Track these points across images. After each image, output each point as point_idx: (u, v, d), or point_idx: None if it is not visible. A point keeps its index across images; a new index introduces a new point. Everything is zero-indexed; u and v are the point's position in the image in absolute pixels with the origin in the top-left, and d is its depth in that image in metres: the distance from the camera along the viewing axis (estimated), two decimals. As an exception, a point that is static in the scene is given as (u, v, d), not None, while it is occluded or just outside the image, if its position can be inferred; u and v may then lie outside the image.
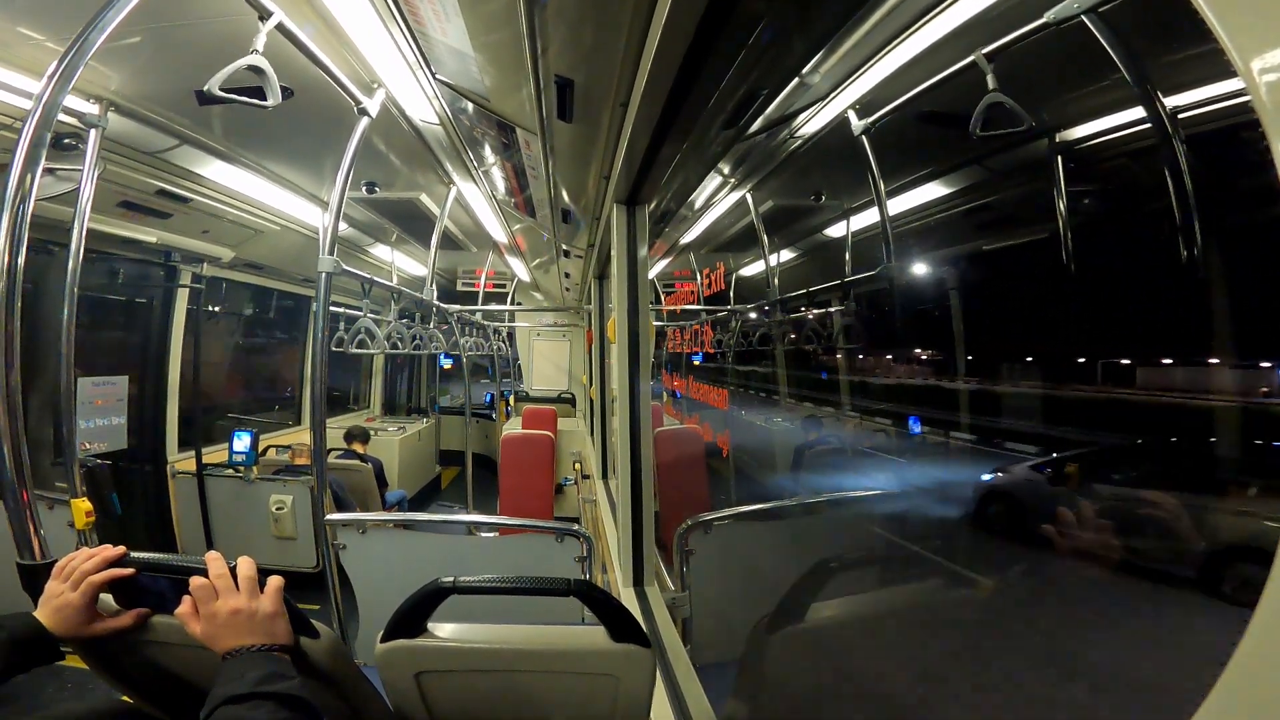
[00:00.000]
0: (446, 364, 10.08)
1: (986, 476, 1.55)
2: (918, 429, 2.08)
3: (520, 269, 6.84)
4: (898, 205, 2.02)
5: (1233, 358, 0.88)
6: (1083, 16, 0.97)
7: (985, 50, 1.23)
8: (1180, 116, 0.90)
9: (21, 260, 1.74)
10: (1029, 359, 1.51)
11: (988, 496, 1.54)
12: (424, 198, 4.16)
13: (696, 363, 5.31)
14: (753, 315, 3.82)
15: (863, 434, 2.75)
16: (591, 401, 6.26)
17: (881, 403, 2.56)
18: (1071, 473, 1.26)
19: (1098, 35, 0.97)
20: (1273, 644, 0.31)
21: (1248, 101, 0.32)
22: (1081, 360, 1.28)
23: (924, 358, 2.06)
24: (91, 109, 2.40)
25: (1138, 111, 1.03)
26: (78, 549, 1.01)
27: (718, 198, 3.16)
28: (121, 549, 1.00)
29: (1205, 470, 0.95)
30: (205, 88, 1.60)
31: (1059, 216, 1.27)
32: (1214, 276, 0.88)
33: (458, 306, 6.42)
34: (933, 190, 1.95)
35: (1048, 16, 1.02)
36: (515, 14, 1.40)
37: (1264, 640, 0.31)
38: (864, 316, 2.56)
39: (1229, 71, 0.33)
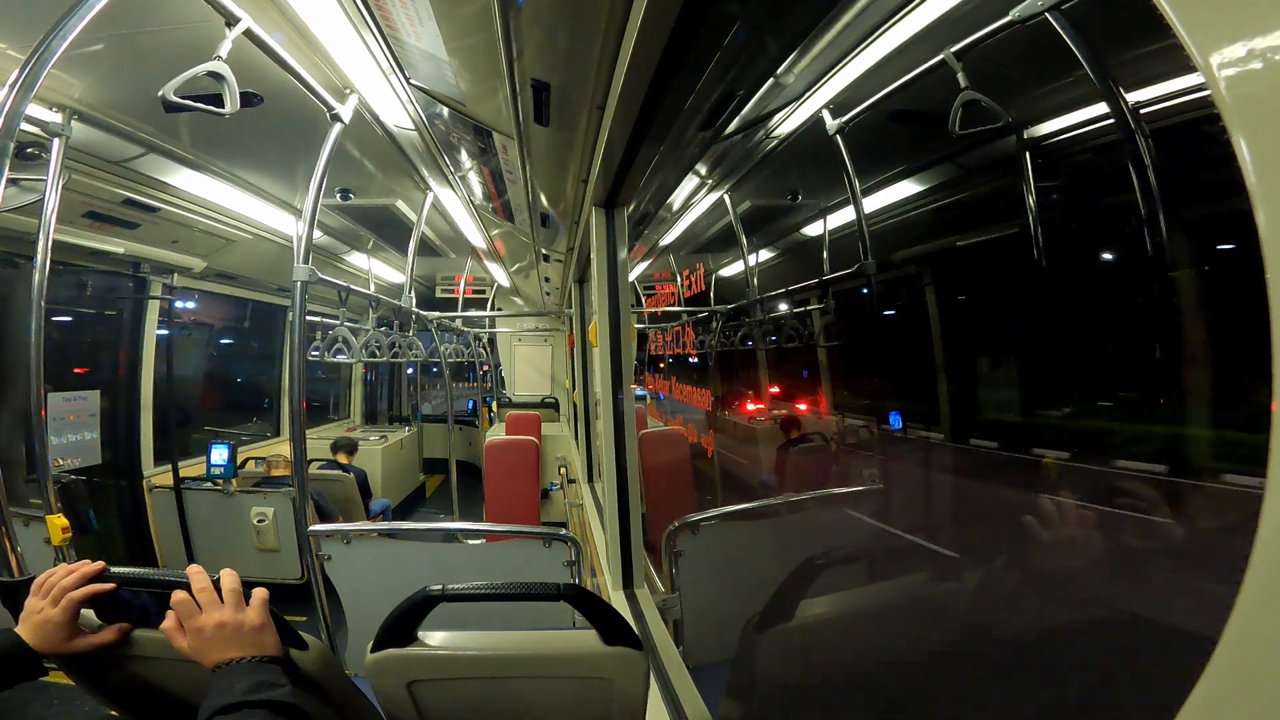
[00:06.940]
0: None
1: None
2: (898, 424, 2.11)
3: (500, 274, 6.80)
4: (873, 203, 2.05)
5: (1201, 347, 0.90)
6: (1046, 14, 0.99)
7: (954, 49, 1.25)
8: (1143, 111, 0.92)
9: (-14, 275, 1.70)
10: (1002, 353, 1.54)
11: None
12: (400, 204, 4.12)
13: (679, 363, 5.32)
14: (733, 315, 3.85)
15: (845, 429, 2.78)
16: (575, 406, 6.24)
17: (861, 399, 2.59)
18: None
19: (1061, 32, 0.99)
20: (1261, 632, 0.31)
21: (1207, 96, 0.33)
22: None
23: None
24: (55, 117, 2.34)
25: (1103, 107, 1.06)
26: (55, 565, 0.99)
27: (696, 199, 3.18)
28: (100, 564, 0.98)
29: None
30: (160, 93, 1.57)
31: (1028, 211, 1.30)
32: (1180, 267, 0.90)
33: (437, 313, 6.36)
34: (907, 187, 1.98)
35: (1013, 14, 1.05)
36: (490, 18, 1.40)
37: (1251, 628, 0.31)
38: (843, 314, 2.59)
39: (1189, 66, 0.34)
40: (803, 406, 3.64)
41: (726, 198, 3.13)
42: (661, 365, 5.82)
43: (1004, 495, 1.53)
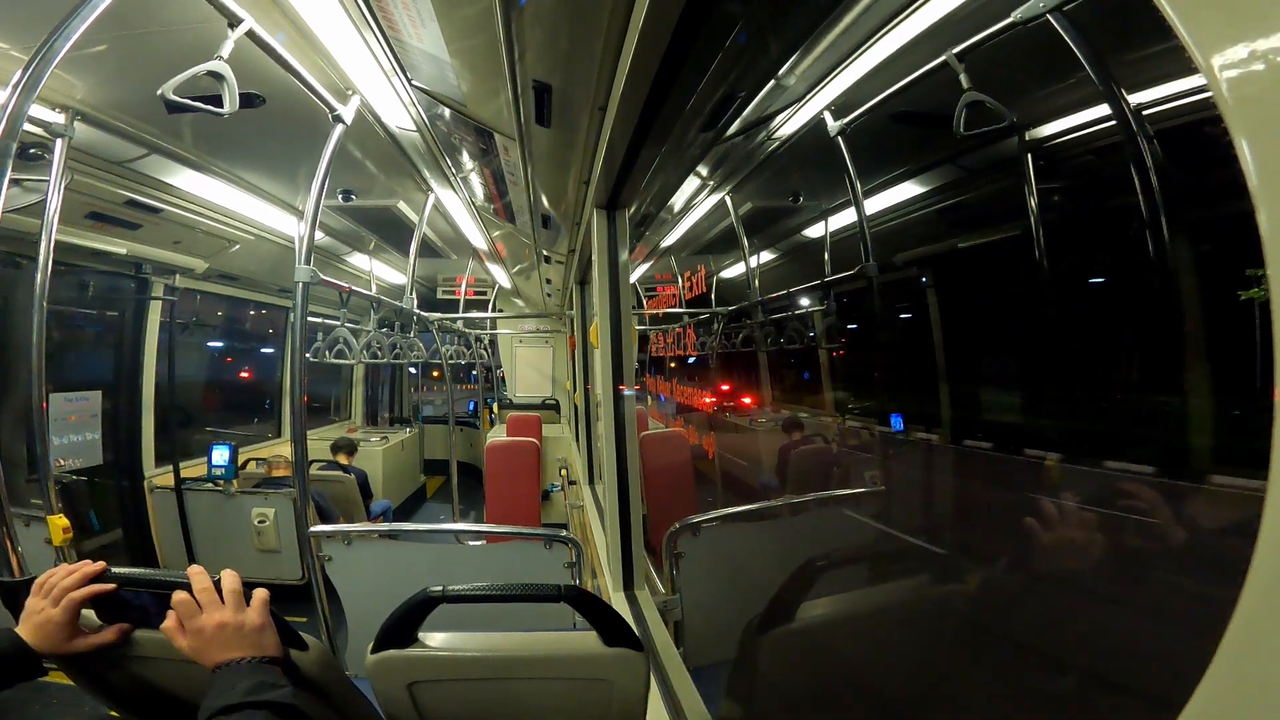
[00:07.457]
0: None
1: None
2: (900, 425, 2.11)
3: (501, 276, 6.81)
4: (875, 205, 2.05)
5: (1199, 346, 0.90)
6: (1048, 15, 0.99)
7: (956, 50, 1.25)
8: (1145, 113, 0.92)
9: (-12, 275, 1.71)
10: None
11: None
12: (402, 205, 4.13)
13: (680, 364, 5.32)
14: (735, 317, 3.85)
15: (846, 431, 2.77)
16: (576, 407, 6.24)
17: (863, 401, 2.59)
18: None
19: (1063, 34, 0.99)
20: (1263, 633, 0.30)
21: (1209, 97, 0.33)
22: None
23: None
24: (57, 118, 2.35)
25: (1105, 108, 1.06)
26: (56, 565, 0.99)
27: (697, 201, 3.18)
28: (101, 564, 0.98)
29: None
30: (159, 93, 1.57)
31: (1030, 213, 1.30)
32: (1181, 268, 0.90)
33: (438, 315, 6.36)
34: (909, 189, 1.98)
35: (1015, 15, 1.05)
36: (492, 19, 1.40)
37: (1253, 629, 0.31)
38: (844, 315, 2.59)
39: (1191, 68, 0.34)
40: (804, 408, 3.64)
41: (728, 199, 3.13)
42: (663, 367, 5.82)
43: (1004, 497, 1.52)
